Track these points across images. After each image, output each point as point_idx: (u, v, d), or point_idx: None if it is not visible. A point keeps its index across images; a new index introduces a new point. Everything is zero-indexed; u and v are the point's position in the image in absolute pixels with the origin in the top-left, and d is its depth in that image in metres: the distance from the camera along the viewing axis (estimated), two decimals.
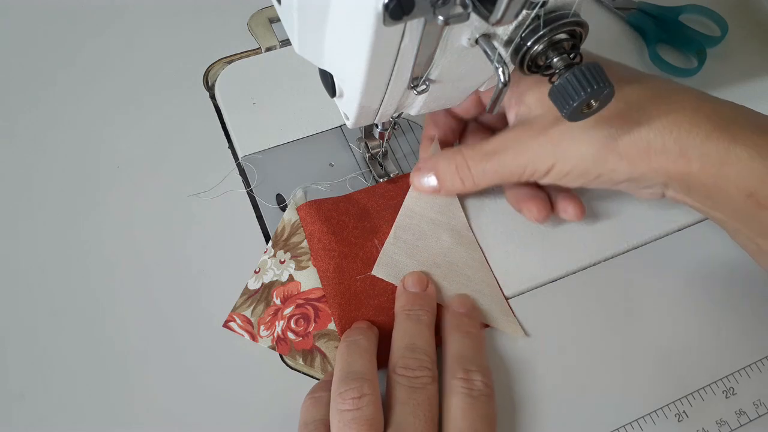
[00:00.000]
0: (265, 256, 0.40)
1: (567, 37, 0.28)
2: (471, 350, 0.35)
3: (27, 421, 0.35)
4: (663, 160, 0.32)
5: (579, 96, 0.28)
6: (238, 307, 0.38)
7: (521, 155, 0.35)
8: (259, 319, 0.38)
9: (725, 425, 0.36)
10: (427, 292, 0.37)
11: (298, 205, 0.41)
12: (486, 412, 0.32)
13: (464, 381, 0.33)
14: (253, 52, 0.48)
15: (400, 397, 0.32)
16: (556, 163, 0.34)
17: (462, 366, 0.33)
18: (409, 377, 0.33)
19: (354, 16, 0.26)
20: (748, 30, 0.52)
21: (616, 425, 0.36)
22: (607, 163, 0.33)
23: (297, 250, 0.40)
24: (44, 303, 0.38)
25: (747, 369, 0.38)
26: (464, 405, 0.32)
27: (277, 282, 0.39)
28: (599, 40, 0.50)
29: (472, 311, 0.37)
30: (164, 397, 0.36)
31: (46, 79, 0.46)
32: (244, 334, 0.37)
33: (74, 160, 0.43)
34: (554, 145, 0.34)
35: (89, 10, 0.49)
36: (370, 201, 0.41)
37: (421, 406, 0.32)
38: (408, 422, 0.31)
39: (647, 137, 0.32)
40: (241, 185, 0.42)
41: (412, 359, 0.33)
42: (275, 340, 0.37)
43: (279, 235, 0.40)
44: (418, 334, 0.35)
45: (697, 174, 0.32)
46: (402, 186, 0.41)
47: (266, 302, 0.38)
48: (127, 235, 0.40)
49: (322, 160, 0.43)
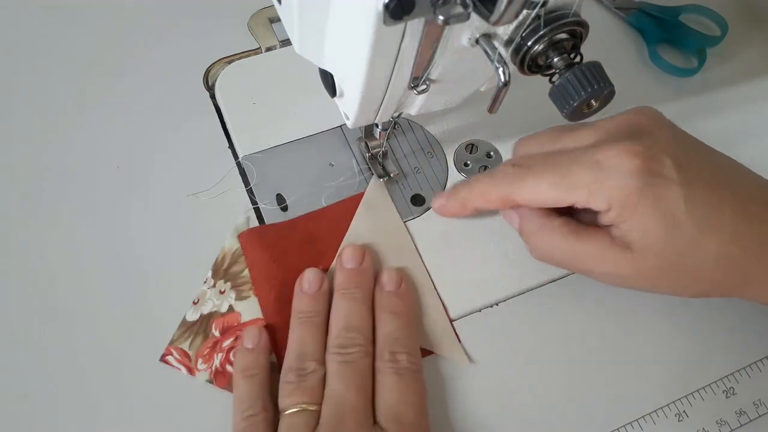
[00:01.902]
0: (205, 287, 0.38)
1: (567, 37, 0.28)
2: (398, 330, 0.36)
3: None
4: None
5: (579, 96, 0.28)
6: (175, 339, 0.37)
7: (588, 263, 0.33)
8: (197, 351, 0.37)
9: (725, 425, 0.36)
10: (363, 266, 0.37)
11: (239, 232, 0.40)
12: (414, 386, 0.34)
13: (391, 362, 0.34)
14: (253, 52, 0.48)
15: (333, 371, 0.34)
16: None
17: (389, 348, 0.35)
18: (342, 354, 0.34)
19: (354, 16, 0.26)
20: (748, 30, 0.52)
21: (616, 425, 0.36)
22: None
23: (237, 279, 0.39)
24: (38, 303, 0.38)
25: (747, 369, 0.38)
26: (392, 382, 0.34)
27: (217, 313, 0.38)
28: (599, 40, 0.50)
29: (400, 289, 0.37)
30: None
31: (45, 79, 0.46)
32: (181, 368, 0.36)
33: (74, 159, 0.43)
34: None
35: (89, 10, 0.49)
36: (315, 226, 0.40)
37: (352, 378, 0.33)
38: (340, 393, 0.33)
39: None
40: (241, 185, 0.42)
41: (345, 338, 0.35)
42: (213, 373, 0.36)
43: (219, 264, 0.39)
44: (353, 313, 0.36)
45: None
46: (349, 209, 0.41)
47: (204, 334, 0.37)
48: (127, 235, 0.40)
49: (322, 160, 0.43)
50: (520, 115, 0.44)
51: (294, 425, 0.32)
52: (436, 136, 0.45)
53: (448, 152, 0.44)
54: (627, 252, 0.31)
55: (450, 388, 0.37)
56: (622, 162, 0.29)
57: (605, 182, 0.30)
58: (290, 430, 0.32)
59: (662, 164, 0.29)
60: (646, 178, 0.29)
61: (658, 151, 0.30)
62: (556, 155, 0.32)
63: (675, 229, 0.29)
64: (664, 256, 0.30)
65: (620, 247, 0.31)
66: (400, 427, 0.32)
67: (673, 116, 0.37)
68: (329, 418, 0.32)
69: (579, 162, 0.31)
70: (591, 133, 0.33)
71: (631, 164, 0.29)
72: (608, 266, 0.32)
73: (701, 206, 0.29)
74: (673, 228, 0.29)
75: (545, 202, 0.32)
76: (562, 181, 0.31)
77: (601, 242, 0.31)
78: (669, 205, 0.29)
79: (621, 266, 0.31)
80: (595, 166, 0.30)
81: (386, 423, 0.32)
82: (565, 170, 0.31)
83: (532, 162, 0.33)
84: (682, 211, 0.29)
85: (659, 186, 0.29)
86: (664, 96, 0.48)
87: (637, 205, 0.29)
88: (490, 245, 0.40)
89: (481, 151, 0.44)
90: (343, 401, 0.33)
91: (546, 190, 0.32)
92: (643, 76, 0.49)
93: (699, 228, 0.29)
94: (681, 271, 0.30)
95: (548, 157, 0.32)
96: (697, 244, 0.29)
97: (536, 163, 0.33)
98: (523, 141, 0.37)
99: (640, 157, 0.29)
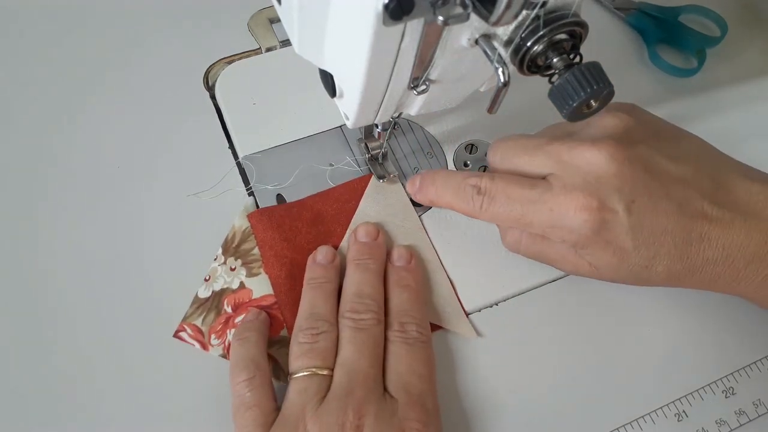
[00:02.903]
0: (215, 264, 0.39)
1: (567, 38, 0.28)
2: (408, 303, 0.36)
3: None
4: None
5: (579, 96, 0.28)
6: (188, 316, 0.38)
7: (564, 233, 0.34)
8: (210, 327, 0.37)
9: (725, 425, 0.36)
10: (377, 241, 0.39)
11: (248, 211, 0.41)
12: (422, 356, 0.35)
13: (400, 332, 0.35)
14: (253, 52, 0.48)
15: (346, 336, 0.34)
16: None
17: (398, 320, 0.36)
18: (355, 319, 0.35)
19: (354, 17, 0.26)
20: (748, 30, 0.52)
21: (616, 425, 0.36)
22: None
23: (248, 257, 0.39)
24: (38, 302, 0.38)
25: (746, 369, 0.38)
26: (401, 351, 0.34)
27: (228, 289, 0.38)
28: (599, 40, 0.50)
29: (410, 264, 0.38)
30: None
31: (46, 80, 0.46)
32: (194, 343, 0.37)
33: (74, 159, 0.43)
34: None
35: (89, 10, 0.49)
36: (324, 206, 0.41)
37: (365, 344, 0.34)
38: (353, 358, 0.33)
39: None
40: (241, 185, 0.42)
41: (359, 304, 0.35)
42: (226, 348, 0.37)
43: (229, 242, 0.40)
44: (366, 282, 0.37)
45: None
46: (357, 189, 0.41)
47: (217, 310, 0.38)
48: (127, 236, 0.40)
49: (322, 160, 0.43)
50: (520, 116, 0.44)
51: (304, 390, 0.32)
52: (436, 137, 0.45)
53: (447, 152, 0.44)
54: (584, 258, 0.34)
55: (456, 365, 0.37)
56: (572, 215, 0.32)
57: (558, 228, 0.33)
58: (301, 395, 0.32)
59: (613, 211, 0.32)
60: (595, 227, 0.32)
61: (610, 193, 0.32)
62: (516, 187, 0.34)
63: (626, 259, 0.32)
64: (619, 275, 0.34)
65: (578, 255, 0.34)
66: (409, 396, 0.33)
67: (673, 117, 0.37)
68: (341, 385, 0.32)
69: (535, 206, 0.33)
70: (547, 161, 0.34)
71: (580, 218, 0.32)
72: (568, 266, 0.35)
73: (648, 237, 0.32)
74: (624, 259, 0.33)
75: (507, 226, 0.37)
76: (520, 221, 0.34)
77: (564, 248, 0.34)
78: (618, 243, 0.32)
79: (579, 268, 0.35)
80: (549, 213, 0.33)
81: (395, 392, 0.33)
82: (522, 212, 0.33)
83: (495, 191, 0.34)
84: (630, 246, 0.32)
85: (609, 231, 0.32)
86: (663, 96, 0.48)
87: (587, 245, 0.33)
88: (489, 246, 0.40)
89: (480, 151, 0.44)
90: (356, 368, 0.33)
91: (506, 222, 0.35)
92: (642, 76, 0.49)
93: (647, 257, 0.32)
94: (633, 281, 0.34)
95: (509, 189, 0.34)
96: (647, 266, 0.32)
97: (498, 194, 0.34)
98: (495, 147, 0.37)
99: (588, 211, 0.32)
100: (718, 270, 0.33)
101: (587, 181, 0.32)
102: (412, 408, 0.32)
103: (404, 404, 0.32)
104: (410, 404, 0.32)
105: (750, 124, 0.47)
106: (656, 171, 0.33)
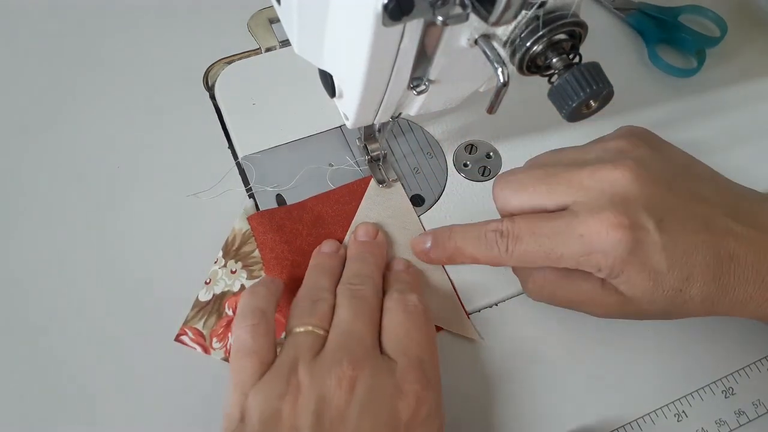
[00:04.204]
0: (216, 267, 0.39)
1: (566, 38, 0.28)
2: (407, 279, 0.37)
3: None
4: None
5: (578, 96, 0.28)
6: (189, 320, 0.37)
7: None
8: (212, 331, 0.37)
9: (725, 425, 0.36)
10: (377, 240, 0.39)
11: (248, 214, 0.41)
12: (422, 325, 0.34)
13: (399, 300, 0.34)
14: (253, 52, 0.48)
15: (343, 302, 0.34)
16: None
17: (397, 288, 0.35)
18: (352, 288, 0.35)
19: (353, 17, 0.26)
20: (747, 30, 0.52)
21: (616, 425, 0.36)
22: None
23: (248, 259, 0.39)
24: (37, 304, 0.38)
25: (747, 369, 0.38)
26: (399, 318, 0.34)
27: (229, 292, 0.38)
28: (599, 40, 0.50)
29: (409, 268, 0.38)
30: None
31: (45, 79, 0.46)
32: (196, 347, 0.37)
33: (74, 159, 0.43)
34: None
35: (89, 10, 0.49)
36: (324, 208, 0.41)
37: (361, 308, 0.34)
38: (348, 320, 0.33)
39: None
40: (241, 185, 0.42)
41: (357, 278, 0.36)
42: (228, 351, 0.36)
43: (230, 244, 0.40)
44: (365, 266, 0.37)
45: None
46: (357, 191, 0.41)
47: (218, 313, 0.38)
48: (127, 238, 0.40)
49: (322, 160, 0.43)
50: (520, 116, 0.45)
51: (299, 344, 0.32)
52: (436, 137, 0.45)
53: (447, 152, 0.44)
54: (616, 296, 0.32)
55: (456, 364, 0.37)
56: (605, 237, 0.31)
57: (591, 255, 0.31)
58: (295, 349, 0.32)
59: (645, 230, 0.31)
60: (630, 246, 0.30)
61: (639, 211, 0.31)
62: (539, 221, 0.32)
63: (660, 282, 0.31)
64: (651, 302, 0.32)
65: (610, 291, 0.32)
66: (408, 359, 0.32)
67: (673, 117, 0.37)
68: (336, 343, 0.32)
69: (564, 236, 0.31)
70: (568, 189, 0.32)
71: (614, 238, 0.30)
72: (598, 308, 0.33)
73: (681, 257, 0.31)
74: (659, 281, 0.31)
75: (533, 267, 0.34)
76: (550, 256, 0.32)
77: (592, 286, 0.33)
78: (653, 264, 0.31)
79: (611, 308, 0.33)
80: (580, 240, 0.31)
81: (394, 354, 0.32)
82: (551, 245, 0.32)
83: (519, 231, 0.33)
84: (665, 266, 0.31)
85: (643, 251, 0.31)
86: (663, 97, 0.48)
87: (623, 269, 0.31)
88: None
89: (480, 151, 0.44)
90: (351, 329, 0.32)
91: (535, 261, 0.33)
92: (642, 76, 0.49)
93: (681, 278, 0.31)
94: (668, 309, 0.32)
95: (533, 225, 0.32)
96: (681, 290, 0.31)
97: (523, 233, 0.33)
98: (503, 182, 0.35)
99: (622, 229, 0.30)
100: (749, 291, 0.31)
101: (614, 202, 0.31)
102: (412, 371, 0.31)
103: (403, 366, 0.31)
104: (409, 367, 0.31)
105: (749, 125, 0.47)
106: (679, 190, 0.32)
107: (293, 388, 0.30)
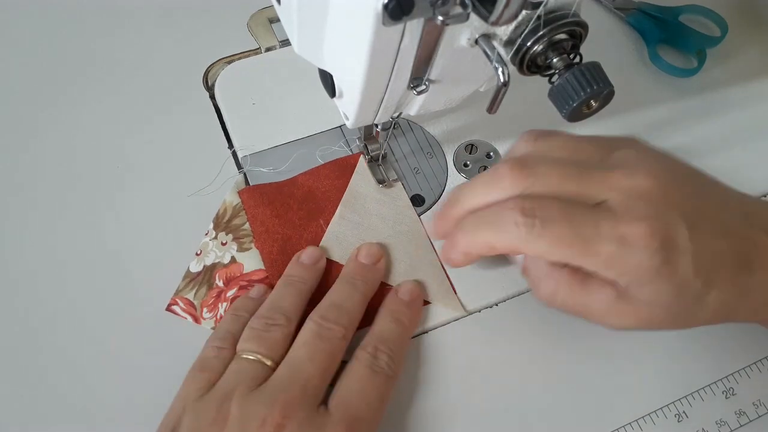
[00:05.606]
0: (206, 238, 0.40)
1: (567, 38, 0.28)
2: (392, 334, 0.35)
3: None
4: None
5: (578, 96, 0.28)
6: (180, 290, 0.38)
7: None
8: (202, 301, 0.38)
9: (725, 425, 0.36)
10: (377, 266, 0.38)
11: (239, 188, 0.41)
12: (381, 389, 0.33)
13: (371, 355, 0.33)
14: (253, 52, 0.48)
15: (304, 338, 0.33)
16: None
17: (375, 344, 0.34)
18: (320, 325, 0.33)
19: (353, 17, 0.26)
20: (748, 30, 0.52)
21: (616, 425, 0.36)
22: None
23: (239, 232, 0.40)
24: (38, 301, 0.38)
25: (747, 369, 0.38)
26: (362, 373, 0.33)
27: (219, 264, 0.39)
28: (599, 40, 0.50)
29: (414, 303, 0.37)
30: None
31: (45, 79, 0.46)
32: (186, 316, 0.37)
33: (74, 159, 0.43)
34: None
35: (89, 10, 0.49)
36: (314, 183, 0.41)
37: (320, 354, 0.32)
38: (302, 360, 0.32)
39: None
40: (241, 185, 0.42)
41: (330, 313, 0.34)
42: (218, 321, 0.37)
43: (220, 217, 0.40)
44: (348, 298, 0.35)
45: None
46: (347, 166, 0.42)
47: (209, 284, 0.38)
48: (126, 235, 0.40)
49: (322, 160, 0.43)
50: (520, 116, 0.44)
51: (243, 370, 0.32)
52: (436, 137, 0.45)
53: (447, 152, 0.44)
54: (633, 305, 0.31)
55: (456, 364, 0.37)
56: (647, 243, 0.29)
57: (626, 258, 0.29)
58: (237, 375, 0.32)
59: (679, 235, 0.29)
60: (665, 255, 0.29)
61: (673, 217, 0.30)
62: (574, 207, 0.30)
63: (684, 290, 0.30)
64: (669, 311, 0.30)
65: (626, 301, 0.31)
66: (347, 416, 0.31)
67: (673, 117, 0.37)
68: (279, 381, 0.31)
69: (602, 233, 0.29)
70: (601, 187, 0.30)
71: (654, 246, 0.29)
72: (612, 318, 0.31)
73: (707, 262, 0.30)
74: (683, 289, 0.30)
75: (553, 260, 0.31)
76: (580, 249, 0.29)
77: (608, 295, 0.31)
78: (681, 273, 0.29)
79: (625, 319, 0.31)
80: (620, 241, 0.29)
81: (334, 406, 0.31)
82: (584, 239, 0.29)
83: (546, 214, 0.29)
84: (691, 274, 0.29)
85: (676, 261, 0.29)
86: (663, 96, 0.48)
87: (653, 279, 0.29)
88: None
89: (480, 151, 0.44)
90: (300, 370, 0.32)
91: (560, 253, 0.30)
92: (642, 76, 0.49)
93: (704, 283, 0.30)
94: (683, 319, 0.31)
95: (568, 209, 0.30)
96: (699, 298, 0.30)
97: (552, 218, 0.29)
98: (534, 138, 0.33)
99: (660, 237, 0.29)
100: (765, 296, 0.31)
101: (648, 208, 0.30)
102: (341, 429, 0.30)
103: (335, 421, 0.30)
104: (341, 424, 0.30)
105: (750, 125, 0.47)
106: (702, 195, 0.32)
107: (222, 417, 0.30)
